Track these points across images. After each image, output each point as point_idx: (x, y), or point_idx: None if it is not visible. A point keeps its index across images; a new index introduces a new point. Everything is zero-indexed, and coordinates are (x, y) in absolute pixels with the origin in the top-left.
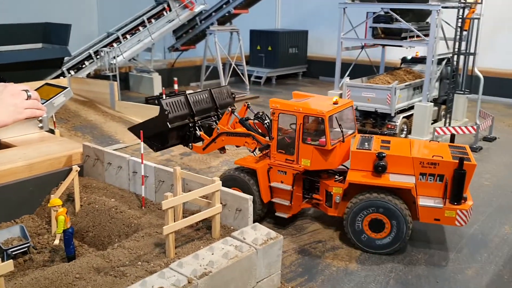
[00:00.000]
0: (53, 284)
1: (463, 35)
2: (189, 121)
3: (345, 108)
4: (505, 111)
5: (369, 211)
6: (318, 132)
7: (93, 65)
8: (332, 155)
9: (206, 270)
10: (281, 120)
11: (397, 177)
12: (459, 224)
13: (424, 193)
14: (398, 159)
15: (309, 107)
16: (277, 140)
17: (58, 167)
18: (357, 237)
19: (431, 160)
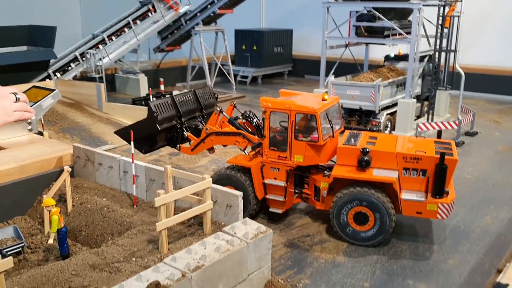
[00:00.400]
0: (49, 281)
1: (444, 32)
2: (177, 122)
3: (333, 104)
4: (486, 107)
5: (353, 205)
6: (310, 128)
7: (79, 67)
8: (324, 151)
9: (199, 263)
10: (271, 118)
11: (380, 171)
12: (440, 217)
13: (407, 187)
14: (382, 154)
15: (300, 105)
16: (269, 138)
17: (49, 169)
18: (343, 230)
19: (413, 155)
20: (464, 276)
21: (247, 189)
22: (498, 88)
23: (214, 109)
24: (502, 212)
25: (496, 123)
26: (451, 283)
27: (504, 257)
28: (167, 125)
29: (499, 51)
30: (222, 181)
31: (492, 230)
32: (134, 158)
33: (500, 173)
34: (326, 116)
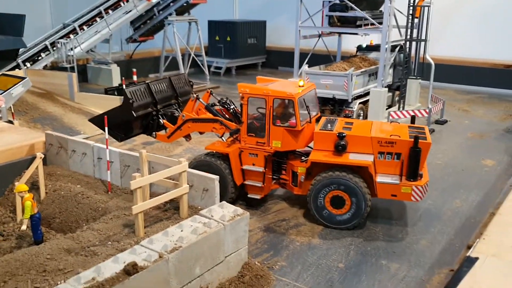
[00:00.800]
0: (24, 265)
1: (414, 22)
2: (152, 109)
3: (309, 90)
4: (455, 96)
5: (330, 189)
6: (287, 114)
7: (50, 57)
8: (301, 136)
9: (176, 245)
10: (255, 104)
11: (356, 156)
12: (414, 199)
13: (383, 171)
14: (358, 139)
15: (278, 90)
16: (247, 124)
17: (20, 156)
18: (320, 214)
19: (388, 139)
20: (435, 255)
21: (226, 175)
22: (467, 78)
23: (190, 97)
24: (471, 195)
25: (465, 112)
26: (422, 262)
27: (473, 235)
28: (143, 112)
29: (468, 43)
30: (200, 168)
31: (461, 212)
32: (108, 144)
33: (469, 158)
34: (304, 102)
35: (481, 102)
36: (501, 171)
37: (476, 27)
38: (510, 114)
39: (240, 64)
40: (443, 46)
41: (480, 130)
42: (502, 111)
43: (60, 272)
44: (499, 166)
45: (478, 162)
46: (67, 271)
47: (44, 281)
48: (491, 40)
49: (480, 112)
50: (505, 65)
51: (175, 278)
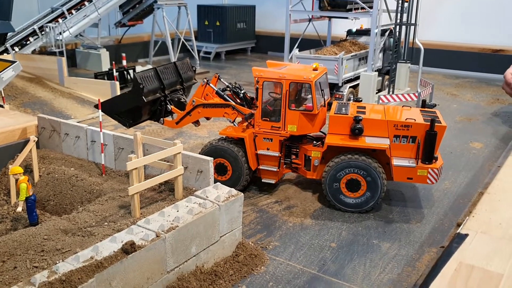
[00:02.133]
0: (22, 246)
1: (404, 6)
2: (160, 94)
3: (322, 74)
4: (444, 81)
5: (346, 172)
6: (303, 98)
7: (38, 41)
8: (317, 120)
9: (172, 225)
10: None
11: (372, 139)
12: (430, 182)
13: (398, 154)
14: (373, 122)
15: (295, 74)
16: (261, 108)
17: (13, 140)
18: (335, 197)
19: (404, 123)
20: (425, 234)
21: (240, 160)
22: (455, 63)
23: (193, 82)
24: (460, 177)
25: (453, 96)
26: (413, 241)
27: (463, 214)
28: (152, 97)
29: (457, 28)
30: (214, 153)
31: (450, 193)
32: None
33: (457, 141)
34: (319, 86)
35: (469, 86)
36: (488, 153)
37: (464, 12)
38: (497, 98)
39: (230, 49)
40: (432, 30)
41: (468, 113)
42: (489, 95)
43: (58, 252)
44: (487, 149)
45: (466, 145)
46: (65, 251)
47: (43, 260)
48: (479, 25)
49: (468, 96)
50: (493, 50)
51: (172, 257)
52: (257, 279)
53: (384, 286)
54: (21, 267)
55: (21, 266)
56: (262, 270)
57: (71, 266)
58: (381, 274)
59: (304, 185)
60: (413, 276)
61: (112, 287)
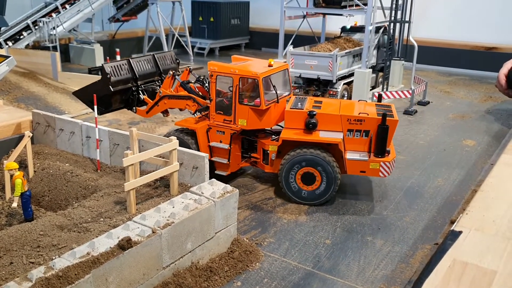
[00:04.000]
0: (17, 241)
1: (398, 4)
2: (132, 85)
3: (279, 70)
4: (437, 78)
5: (301, 166)
6: (254, 93)
7: (32, 36)
8: (267, 115)
9: (168, 221)
10: (221, 83)
11: (326, 133)
12: (382, 175)
13: (352, 148)
14: (327, 117)
15: (245, 69)
16: (215, 102)
17: (7, 135)
18: (290, 190)
19: (357, 117)
20: (419, 231)
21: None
22: (448, 61)
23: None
24: (453, 174)
25: (446, 93)
26: (406, 238)
27: (456, 211)
28: (122, 87)
29: (450, 25)
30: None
31: (443, 190)
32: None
33: (450, 138)
34: (270, 82)
35: (462, 84)
36: (481, 151)
37: (457, 9)
38: (490, 96)
39: (224, 45)
40: (425, 28)
41: (461, 111)
42: (482, 93)
43: (54, 248)
44: (480, 146)
45: (459, 142)
46: (61, 247)
47: (39, 256)
48: (472, 23)
49: (461, 94)
50: (486, 48)
51: (168, 253)
52: (252, 276)
53: (378, 283)
54: (17, 262)
55: (17, 262)
56: (257, 266)
57: (68, 262)
58: (375, 270)
59: None
60: (407, 273)
61: (109, 283)
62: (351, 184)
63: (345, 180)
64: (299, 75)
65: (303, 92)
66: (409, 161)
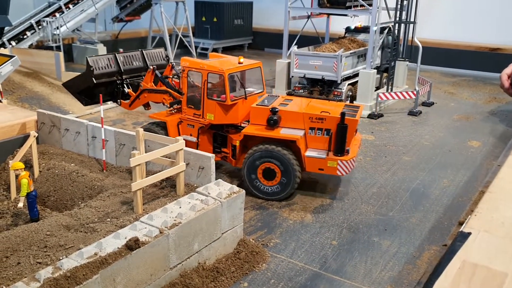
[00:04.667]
0: (24, 241)
1: (403, 4)
2: (117, 78)
3: (250, 68)
4: (441, 79)
5: (262, 161)
6: (220, 88)
7: (35, 36)
8: (233, 111)
9: (175, 221)
10: (199, 78)
11: (288, 130)
12: (340, 173)
13: (314, 146)
14: (290, 114)
15: (212, 65)
16: (187, 96)
17: (12, 135)
18: (253, 185)
19: (319, 116)
20: (425, 232)
21: None
22: (452, 61)
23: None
24: (458, 175)
25: (451, 94)
26: (413, 239)
27: (464, 212)
28: (105, 80)
29: (454, 26)
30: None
31: (449, 191)
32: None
33: (455, 139)
34: (238, 78)
35: (466, 85)
36: (486, 152)
37: (461, 10)
38: (494, 97)
39: (227, 45)
40: (429, 29)
41: (466, 112)
42: (487, 94)
43: (61, 248)
44: (485, 147)
45: (464, 143)
46: (68, 247)
47: (46, 256)
48: (476, 24)
49: (466, 95)
50: (490, 48)
51: (175, 254)
52: (259, 276)
53: (385, 284)
54: (24, 263)
55: (25, 262)
56: (263, 267)
57: (75, 262)
58: (382, 271)
59: (304, 182)
60: (414, 274)
61: (116, 283)
62: (356, 184)
63: (350, 180)
64: (304, 76)
65: (308, 92)
66: (414, 162)
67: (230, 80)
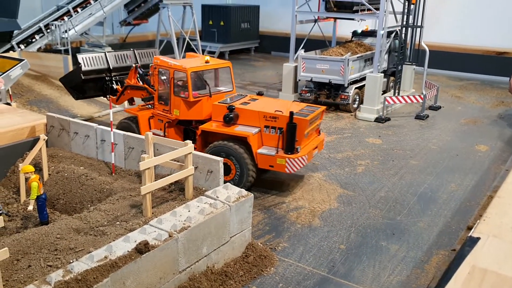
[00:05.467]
0: (35, 244)
1: (410, 8)
2: (106, 75)
3: (216, 67)
4: (448, 83)
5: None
6: (185, 86)
7: (44, 39)
8: (197, 107)
9: (184, 225)
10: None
11: (243, 128)
12: (288, 171)
13: (268, 143)
14: (247, 112)
15: (178, 64)
16: (158, 93)
17: (21, 138)
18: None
19: (272, 115)
20: (433, 237)
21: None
22: (459, 65)
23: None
24: (466, 179)
25: (458, 98)
26: (421, 243)
27: (473, 217)
28: (94, 76)
29: (461, 30)
30: (122, 128)
31: (457, 196)
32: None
33: (463, 143)
34: (201, 77)
35: (473, 89)
36: (494, 156)
37: (468, 14)
38: (502, 100)
39: (233, 49)
40: (436, 32)
41: (473, 116)
42: (494, 98)
43: (72, 251)
44: (492, 152)
45: (472, 147)
46: (78, 250)
47: (56, 259)
48: (483, 27)
49: (473, 99)
50: (497, 52)
51: (184, 257)
52: (267, 280)
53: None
54: (35, 265)
55: (35, 265)
56: (271, 271)
57: (86, 265)
58: (390, 276)
59: (311, 186)
60: (422, 279)
61: (126, 286)
62: (363, 188)
63: (357, 184)
64: (310, 79)
65: (314, 96)
66: (421, 166)
67: (195, 78)
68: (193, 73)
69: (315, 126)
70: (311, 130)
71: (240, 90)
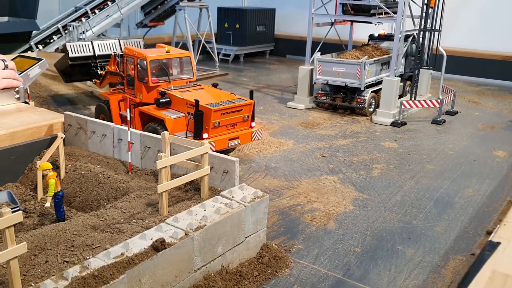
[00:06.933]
0: (52, 240)
1: (428, 12)
2: (92, 61)
3: (176, 57)
4: (465, 88)
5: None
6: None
7: (62, 40)
8: (156, 92)
9: (200, 224)
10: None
11: (169, 112)
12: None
13: (190, 128)
14: (176, 99)
15: (141, 52)
16: (127, 78)
17: (39, 136)
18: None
19: (191, 102)
20: (450, 242)
21: (110, 117)
22: (477, 70)
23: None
24: (484, 185)
25: (475, 103)
26: (437, 248)
27: (491, 222)
28: (80, 62)
29: (479, 35)
30: (98, 110)
31: (474, 201)
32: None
33: (480, 149)
34: (162, 64)
35: (491, 94)
36: None
37: (487, 18)
38: None
39: (249, 52)
40: (453, 37)
41: (491, 121)
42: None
43: (88, 248)
44: (511, 157)
45: (490, 153)
46: (94, 247)
47: (73, 255)
48: (501, 33)
49: (490, 104)
50: None
51: (199, 256)
52: (282, 282)
53: None
54: (52, 261)
55: (53, 261)
56: (286, 272)
57: (102, 262)
58: (406, 280)
59: (326, 189)
60: (439, 283)
61: (142, 284)
62: (379, 192)
63: (373, 188)
64: (326, 82)
65: (330, 99)
66: (438, 171)
67: (155, 66)
68: (152, 61)
69: (234, 117)
70: (227, 120)
71: (255, 93)
